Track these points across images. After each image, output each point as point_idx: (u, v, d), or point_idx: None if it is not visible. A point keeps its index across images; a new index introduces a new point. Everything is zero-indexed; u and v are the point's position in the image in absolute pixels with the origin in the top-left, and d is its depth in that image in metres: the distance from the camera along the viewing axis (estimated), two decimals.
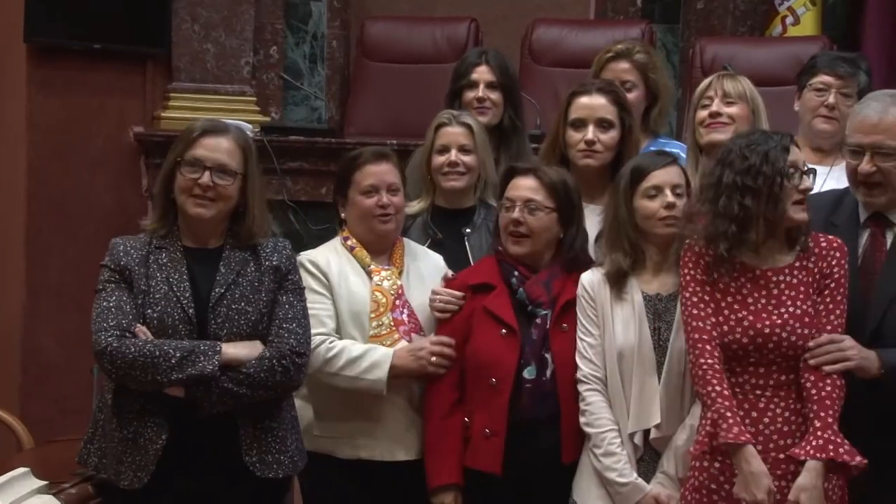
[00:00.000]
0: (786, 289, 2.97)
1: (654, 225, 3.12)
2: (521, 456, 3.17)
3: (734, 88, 3.53)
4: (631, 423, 3.09)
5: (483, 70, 3.94)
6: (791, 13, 5.89)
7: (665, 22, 6.24)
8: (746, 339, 2.95)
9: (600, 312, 3.15)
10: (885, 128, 3.04)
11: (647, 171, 3.14)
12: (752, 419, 2.94)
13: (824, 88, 3.75)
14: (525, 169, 3.33)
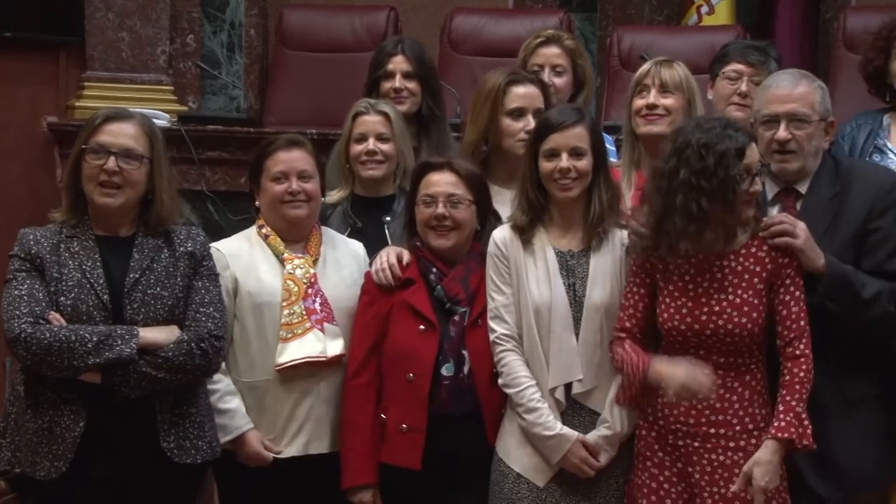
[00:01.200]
0: (729, 274, 3.03)
1: (550, 186, 3.16)
2: (440, 451, 3.18)
3: (671, 78, 3.55)
4: (551, 378, 3.12)
5: (399, 60, 3.95)
6: (706, 2, 5.98)
7: (583, 11, 6.29)
8: (684, 325, 3.02)
9: (513, 269, 3.18)
10: (798, 97, 3.15)
11: (548, 131, 3.18)
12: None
13: (736, 76, 3.82)
14: (440, 164, 3.34)
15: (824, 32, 6.01)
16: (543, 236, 3.20)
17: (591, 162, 3.15)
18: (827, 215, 3.13)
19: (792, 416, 2.94)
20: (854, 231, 3.10)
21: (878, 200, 3.11)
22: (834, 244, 3.09)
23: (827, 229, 3.11)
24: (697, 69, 4.60)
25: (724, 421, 3.00)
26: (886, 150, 3.76)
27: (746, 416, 2.99)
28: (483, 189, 3.32)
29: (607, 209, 3.17)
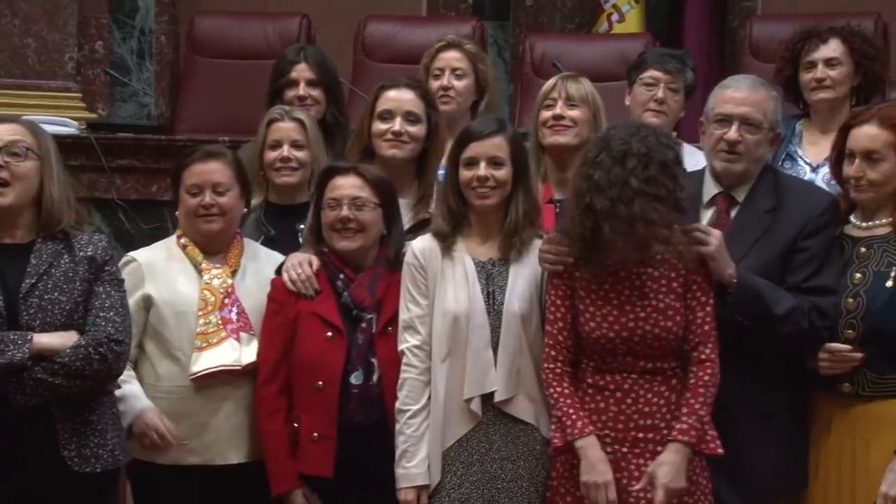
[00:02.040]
0: (648, 280, 3.05)
1: (469, 194, 3.18)
2: (353, 460, 3.17)
3: (577, 91, 3.59)
4: (467, 389, 3.12)
5: (302, 68, 3.94)
6: (616, 10, 6.06)
7: (496, 19, 6.33)
8: (613, 333, 3.04)
9: (431, 279, 3.18)
10: (753, 102, 3.20)
11: (468, 140, 3.19)
12: (617, 399, 3.04)
13: (653, 83, 3.88)
14: (345, 168, 3.33)
15: (731, 40, 6.13)
16: (463, 245, 3.21)
17: (510, 172, 3.17)
18: (759, 228, 3.18)
19: (694, 420, 2.98)
20: (784, 247, 3.15)
21: (810, 221, 3.16)
22: (762, 257, 3.14)
23: (757, 241, 3.16)
24: (608, 76, 4.70)
25: (651, 426, 3.02)
26: (797, 156, 3.84)
27: (674, 420, 3.02)
28: (389, 193, 3.32)
29: (524, 219, 3.18)
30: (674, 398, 3.03)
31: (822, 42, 3.86)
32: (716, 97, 3.25)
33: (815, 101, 3.86)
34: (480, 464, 3.13)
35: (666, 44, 5.44)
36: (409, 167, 3.55)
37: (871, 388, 3.08)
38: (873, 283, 3.07)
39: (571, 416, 3.02)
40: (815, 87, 3.84)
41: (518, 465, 3.14)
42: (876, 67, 3.89)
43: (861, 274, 3.10)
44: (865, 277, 3.09)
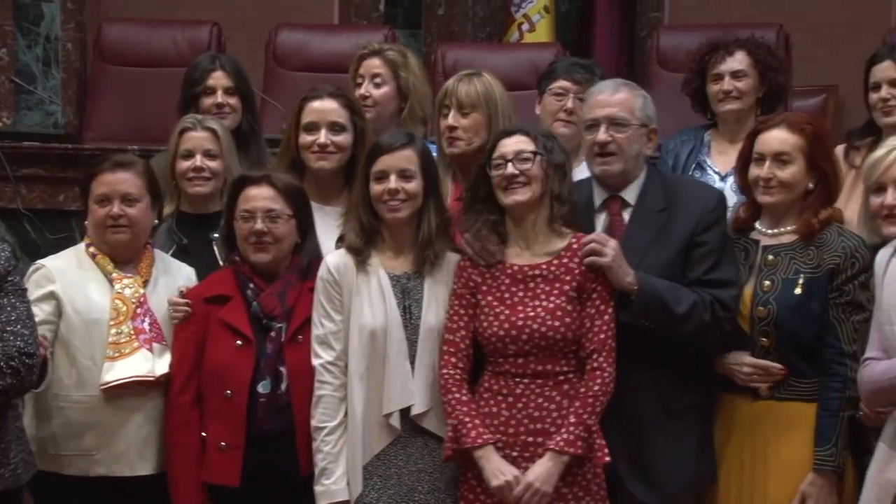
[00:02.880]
0: (542, 282, 3.10)
1: (380, 208, 3.19)
2: (259, 469, 3.16)
3: (467, 96, 3.58)
4: (385, 404, 3.13)
5: (220, 76, 3.93)
6: (527, 20, 6.12)
7: (408, 27, 6.35)
8: (503, 331, 3.07)
9: (346, 295, 3.18)
10: (617, 102, 3.25)
11: (378, 154, 3.20)
12: (509, 403, 3.07)
13: (563, 93, 3.92)
14: (258, 178, 3.32)
15: (639, 50, 6.23)
16: (377, 259, 3.21)
17: (420, 184, 3.18)
18: (654, 227, 3.23)
19: (581, 430, 3.02)
20: (681, 244, 3.20)
21: (703, 217, 3.22)
22: (661, 256, 3.19)
23: (653, 241, 3.21)
24: (519, 85, 4.73)
25: (542, 430, 3.05)
26: (706, 165, 3.91)
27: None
28: (303, 202, 3.32)
29: (437, 232, 3.20)
30: (565, 403, 3.06)
31: (728, 54, 3.94)
32: (586, 104, 3.33)
33: (723, 111, 3.94)
34: (398, 477, 3.14)
35: (575, 53, 5.51)
36: (338, 175, 3.56)
37: (787, 391, 3.15)
38: (782, 290, 3.13)
39: (467, 425, 3.05)
40: (722, 98, 3.92)
41: (435, 478, 3.15)
42: (780, 78, 3.98)
43: (770, 282, 3.16)
44: (774, 285, 3.15)
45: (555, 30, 6.15)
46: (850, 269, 3.09)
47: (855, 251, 3.11)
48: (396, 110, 3.97)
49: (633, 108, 3.26)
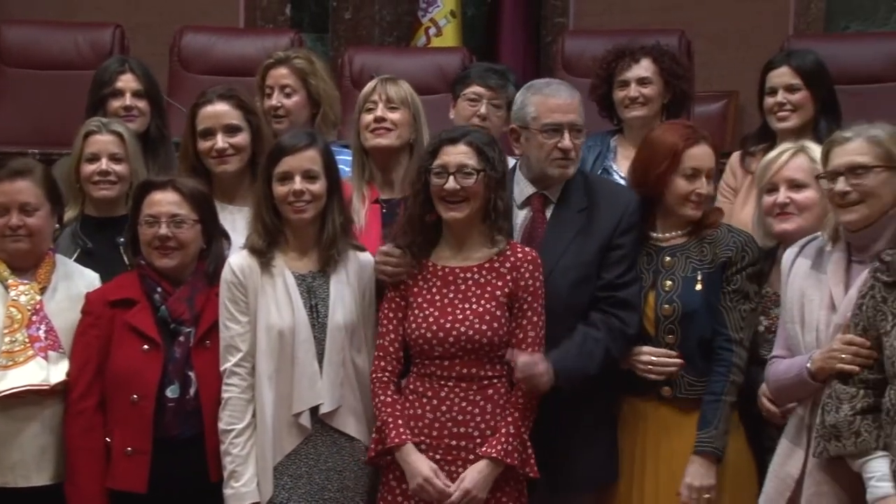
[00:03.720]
0: (473, 286, 3.12)
1: (284, 209, 3.18)
2: (167, 475, 3.13)
3: (397, 94, 3.63)
4: (295, 403, 3.12)
5: (129, 78, 3.89)
6: (434, 25, 6.15)
7: (314, 31, 6.34)
8: (430, 333, 3.09)
9: (251, 296, 3.17)
10: (576, 108, 3.29)
11: (281, 155, 3.20)
12: (433, 406, 3.08)
13: (476, 99, 3.94)
14: (162, 182, 3.29)
15: (545, 55, 6.29)
16: (281, 259, 3.20)
17: (324, 185, 3.18)
18: (574, 226, 3.26)
19: (518, 443, 3.06)
20: (601, 244, 3.25)
21: (623, 219, 3.27)
22: (581, 255, 3.23)
23: (574, 239, 3.25)
24: (427, 90, 4.74)
25: (465, 433, 3.07)
26: (612, 171, 3.95)
27: (488, 429, 3.07)
28: (208, 207, 3.30)
29: (340, 231, 3.20)
30: (490, 408, 3.08)
31: (634, 61, 3.99)
32: (536, 105, 3.29)
33: (629, 117, 4.00)
34: (308, 476, 3.13)
35: (482, 58, 5.54)
36: (242, 175, 3.54)
37: (688, 389, 3.20)
38: (684, 288, 3.19)
39: (390, 425, 3.07)
40: (628, 104, 3.97)
41: (344, 476, 3.16)
42: (684, 86, 4.04)
43: (671, 281, 3.22)
44: (676, 284, 3.21)
45: (461, 34, 6.19)
46: (740, 262, 3.18)
47: (745, 245, 3.21)
48: (309, 118, 3.95)
49: (582, 114, 3.31)
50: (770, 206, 3.24)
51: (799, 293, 3.01)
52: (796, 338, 3.00)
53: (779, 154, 3.28)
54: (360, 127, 3.63)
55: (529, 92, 3.33)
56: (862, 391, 2.79)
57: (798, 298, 3.00)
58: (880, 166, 2.90)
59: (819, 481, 2.88)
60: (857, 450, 2.76)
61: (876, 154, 2.91)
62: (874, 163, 2.90)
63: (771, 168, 3.26)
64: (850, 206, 2.91)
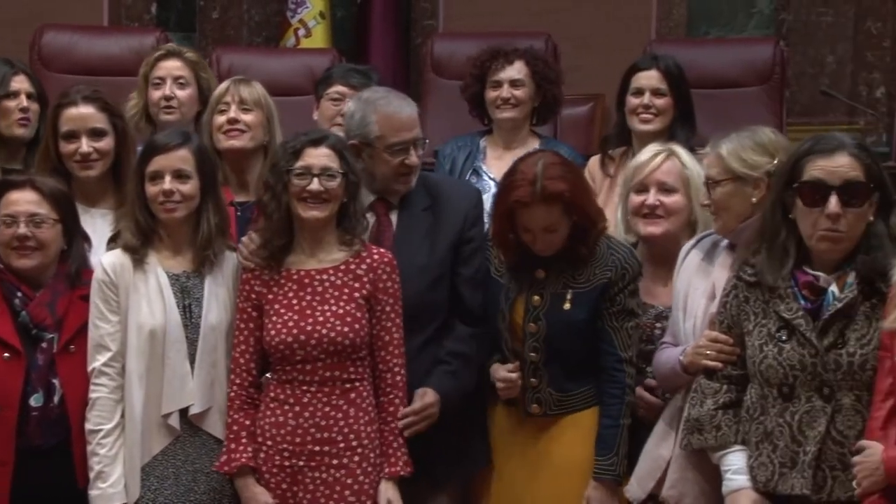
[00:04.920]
0: (330, 287, 3.10)
1: (156, 209, 3.14)
2: (32, 485, 3.06)
3: (250, 95, 3.61)
4: (164, 404, 3.09)
5: (22, 79, 3.79)
6: (303, 26, 6.12)
7: (181, 30, 6.25)
8: (291, 338, 3.06)
9: (123, 295, 3.12)
10: (417, 121, 3.30)
11: (152, 153, 3.16)
12: (295, 412, 3.07)
13: (339, 98, 3.94)
14: (21, 182, 3.21)
15: (415, 57, 6.31)
16: (155, 258, 3.16)
17: (197, 185, 3.15)
18: (422, 226, 3.28)
19: (403, 451, 3.10)
20: (452, 240, 3.27)
21: (469, 212, 3.30)
22: (435, 253, 3.25)
23: (423, 240, 3.26)
24: (295, 90, 4.74)
25: (328, 438, 3.06)
26: (482, 171, 4.00)
27: (351, 433, 3.07)
28: (69, 207, 3.23)
29: (216, 231, 3.17)
30: (353, 412, 3.08)
31: (508, 63, 4.05)
32: (380, 124, 3.25)
33: (500, 118, 4.05)
34: (175, 477, 3.10)
35: (352, 59, 5.54)
36: (105, 179, 3.47)
37: (556, 407, 3.21)
38: (551, 305, 3.18)
39: (230, 446, 3.07)
40: (500, 105, 4.03)
41: (212, 478, 3.12)
42: (555, 90, 4.11)
43: (539, 297, 3.20)
44: (544, 300, 3.19)
45: (331, 35, 6.17)
46: (621, 282, 3.16)
47: (625, 262, 3.17)
48: (195, 116, 3.90)
49: (421, 127, 3.32)
50: (638, 206, 3.28)
51: (687, 283, 3.08)
52: (678, 325, 3.07)
53: (652, 156, 3.31)
54: (212, 128, 3.61)
55: (370, 108, 3.28)
56: (725, 387, 2.85)
57: (685, 287, 3.08)
58: (726, 180, 2.99)
59: (683, 467, 2.96)
60: (718, 443, 2.83)
61: (722, 167, 3.01)
62: (719, 177, 3.00)
63: (643, 170, 3.30)
64: (715, 215, 3.04)
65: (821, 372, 2.69)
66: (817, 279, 2.73)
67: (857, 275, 2.70)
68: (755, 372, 2.78)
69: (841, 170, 2.70)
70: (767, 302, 2.78)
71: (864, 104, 5.94)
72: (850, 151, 2.72)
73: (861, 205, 2.70)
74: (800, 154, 2.77)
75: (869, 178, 2.71)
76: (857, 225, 2.71)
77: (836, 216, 2.68)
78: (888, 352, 2.59)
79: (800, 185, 2.73)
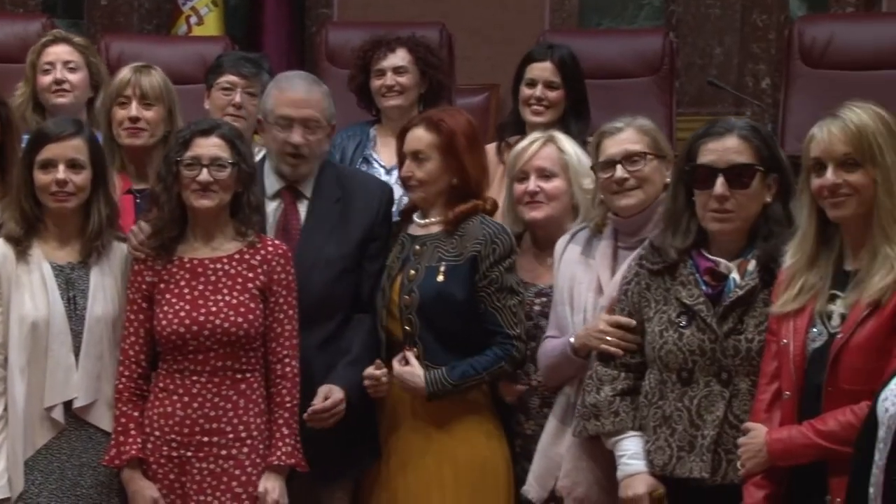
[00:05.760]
0: (224, 277, 3.08)
1: (45, 198, 3.08)
2: None
3: (152, 88, 3.54)
4: (47, 396, 3.04)
5: None
6: (195, 13, 6.04)
7: (69, 17, 6.13)
8: (183, 328, 3.04)
9: (5, 286, 3.06)
10: (312, 104, 3.28)
11: (44, 141, 3.10)
12: (184, 403, 3.04)
13: (230, 88, 3.89)
14: None
15: (309, 45, 6.28)
16: (39, 249, 3.09)
17: (89, 175, 3.10)
18: (332, 218, 3.28)
19: (293, 441, 3.08)
20: (362, 235, 3.28)
21: (380, 206, 3.31)
22: (342, 248, 3.25)
23: (332, 232, 3.27)
24: (187, 79, 4.67)
25: (217, 429, 3.04)
26: (372, 159, 3.99)
27: (241, 423, 3.06)
28: None
29: (106, 223, 3.12)
30: (242, 403, 3.06)
31: (390, 51, 4.05)
32: (274, 98, 3.31)
33: (386, 107, 4.04)
34: (60, 471, 3.06)
35: (245, 48, 5.49)
36: None
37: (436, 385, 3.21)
38: (425, 278, 3.21)
39: (119, 439, 3.04)
40: (385, 93, 4.02)
41: (99, 472, 3.09)
42: (440, 76, 4.12)
43: (415, 270, 3.23)
44: (418, 273, 3.23)
45: (224, 23, 6.10)
46: (492, 255, 3.19)
47: (494, 237, 3.20)
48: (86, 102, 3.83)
49: (323, 109, 3.31)
50: (521, 194, 3.31)
51: (569, 277, 3.11)
52: (566, 319, 3.10)
53: (529, 143, 3.35)
54: (111, 118, 3.55)
55: (273, 84, 3.36)
56: (623, 374, 2.89)
57: (568, 282, 3.11)
58: (651, 154, 3.04)
59: (577, 456, 2.99)
60: (615, 429, 2.86)
61: (646, 143, 3.05)
62: (646, 150, 3.04)
63: (522, 157, 3.33)
64: (627, 192, 3.04)
65: (720, 357, 2.74)
66: (717, 265, 2.79)
67: (757, 262, 2.76)
68: (654, 358, 2.82)
69: (729, 152, 2.77)
70: (669, 289, 2.83)
71: (750, 95, 6.07)
72: (740, 134, 2.78)
73: (747, 186, 2.76)
74: (695, 137, 2.84)
75: (759, 161, 2.77)
76: (747, 206, 2.77)
77: (722, 197, 2.74)
78: (775, 336, 2.65)
79: (691, 168, 2.80)
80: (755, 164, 2.77)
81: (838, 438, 2.48)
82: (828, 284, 2.59)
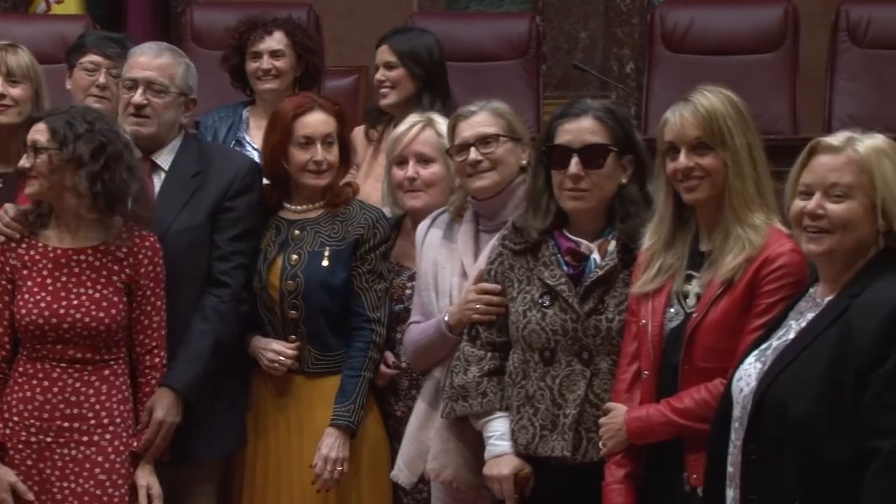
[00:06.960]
0: (87, 269, 3.03)
1: None
2: None
3: (19, 66, 3.45)
4: None
5: None
6: None
7: None
8: (42, 319, 2.99)
9: None
10: (158, 66, 3.27)
11: None
12: (44, 387, 3.01)
13: (94, 68, 3.82)
14: None
15: (175, 26, 6.17)
16: None
17: None
18: (187, 191, 3.24)
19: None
20: (212, 207, 3.24)
21: (235, 181, 3.27)
22: (193, 219, 3.21)
23: (186, 204, 3.23)
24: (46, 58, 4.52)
25: (79, 415, 3.01)
26: (245, 142, 3.97)
27: (103, 410, 3.03)
28: None
29: None
30: (105, 389, 3.04)
31: (267, 33, 4.03)
32: (126, 64, 3.34)
33: (262, 90, 4.03)
34: None
35: (108, 27, 5.36)
36: None
37: (315, 364, 3.24)
38: (309, 263, 3.22)
39: None
40: (261, 76, 4.01)
41: None
42: (316, 59, 4.12)
43: (297, 255, 3.24)
44: (301, 259, 3.23)
45: (84, 2, 5.96)
46: (372, 239, 3.24)
47: (377, 222, 3.26)
48: None
49: (173, 75, 3.27)
50: (400, 180, 3.31)
51: (433, 262, 3.13)
52: (431, 304, 3.12)
53: (409, 127, 3.34)
54: None
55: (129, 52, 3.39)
56: (489, 354, 2.92)
57: (432, 267, 3.13)
58: (505, 136, 3.07)
59: (446, 438, 3.01)
60: (483, 409, 2.89)
61: (500, 125, 3.07)
62: (500, 132, 3.07)
63: (401, 141, 3.33)
64: (481, 174, 3.06)
65: (581, 337, 2.79)
66: (578, 245, 2.83)
67: (617, 243, 2.82)
68: (518, 337, 2.85)
69: (583, 133, 2.82)
70: (532, 269, 2.86)
71: (615, 79, 6.17)
72: (595, 115, 2.83)
73: (601, 166, 2.82)
74: (553, 118, 2.88)
75: (614, 141, 2.83)
76: (601, 185, 2.83)
77: (576, 177, 2.80)
78: (634, 316, 2.71)
79: (548, 149, 2.85)
80: (609, 145, 2.82)
81: (694, 416, 2.55)
82: (684, 265, 2.66)
